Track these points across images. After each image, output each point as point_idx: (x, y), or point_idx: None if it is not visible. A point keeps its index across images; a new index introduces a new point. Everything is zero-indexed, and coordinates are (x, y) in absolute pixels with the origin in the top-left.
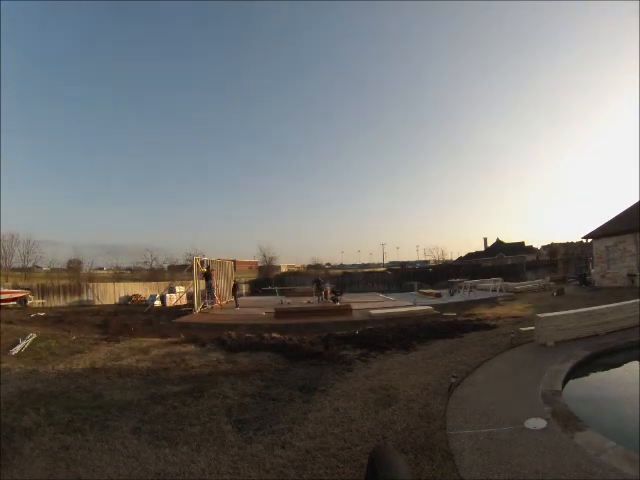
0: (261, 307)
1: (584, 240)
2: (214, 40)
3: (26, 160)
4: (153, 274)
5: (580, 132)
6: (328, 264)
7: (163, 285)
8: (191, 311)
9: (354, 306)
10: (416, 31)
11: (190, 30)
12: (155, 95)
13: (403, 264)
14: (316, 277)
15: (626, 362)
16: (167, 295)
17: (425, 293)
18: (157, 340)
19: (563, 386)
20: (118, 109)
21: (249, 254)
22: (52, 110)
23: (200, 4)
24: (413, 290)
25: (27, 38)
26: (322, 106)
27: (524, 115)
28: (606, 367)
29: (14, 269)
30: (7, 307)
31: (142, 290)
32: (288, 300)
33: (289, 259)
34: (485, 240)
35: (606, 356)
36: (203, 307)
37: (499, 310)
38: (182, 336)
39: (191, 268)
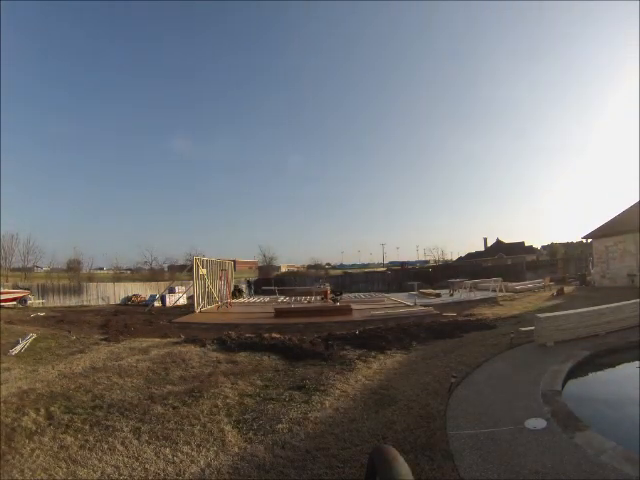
0: (261, 307)
1: (584, 240)
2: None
3: (25, 159)
4: (153, 274)
5: (579, 132)
6: (328, 264)
7: (163, 285)
8: (191, 311)
9: (354, 306)
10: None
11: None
12: (153, 92)
13: (403, 264)
14: (317, 278)
15: (626, 362)
16: (167, 295)
17: (425, 293)
18: (157, 340)
19: (563, 386)
20: (118, 108)
21: (249, 254)
22: (50, 111)
23: None
24: (413, 290)
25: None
26: (321, 104)
27: (524, 114)
28: (606, 367)
29: (14, 269)
30: (7, 307)
31: (142, 290)
32: (286, 299)
33: (289, 259)
34: (485, 240)
35: (606, 356)
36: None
37: (499, 310)
38: (182, 336)
39: (191, 268)
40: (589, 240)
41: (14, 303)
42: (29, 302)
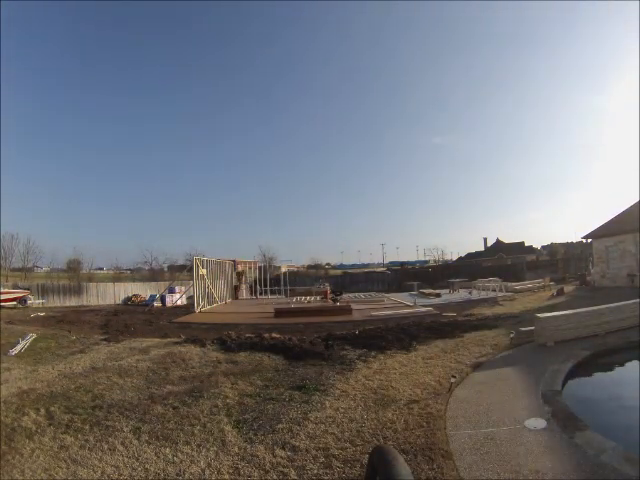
0: (261, 307)
1: (584, 240)
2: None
3: (25, 160)
4: (153, 274)
5: (579, 132)
6: (328, 264)
7: (163, 285)
8: (191, 311)
9: (354, 306)
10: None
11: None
12: (154, 93)
13: (403, 264)
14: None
15: (626, 362)
16: (167, 295)
17: (425, 293)
18: (157, 340)
19: (563, 386)
20: (117, 107)
21: (249, 254)
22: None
23: None
24: (413, 290)
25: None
26: (321, 106)
27: (522, 116)
28: (606, 367)
29: (14, 269)
30: (7, 307)
31: (142, 290)
32: (284, 298)
33: (289, 259)
34: (485, 240)
35: (606, 356)
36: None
37: (499, 310)
38: (182, 336)
39: (191, 268)
40: (589, 240)
41: (14, 303)
42: (29, 302)
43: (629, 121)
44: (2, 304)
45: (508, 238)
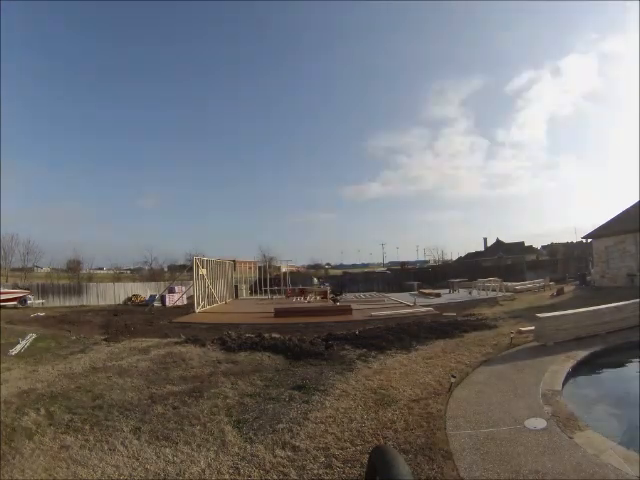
0: (261, 307)
1: (584, 240)
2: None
3: (25, 160)
4: (153, 274)
5: (578, 134)
6: (328, 264)
7: (163, 285)
8: (191, 311)
9: (354, 306)
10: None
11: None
12: (153, 91)
13: (403, 264)
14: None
15: (626, 362)
16: (167, 295)
17: (425, 293)
18: (157, 340)
19: (563, 386)
20: (116, 105)
21: (249, 254)
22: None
23: None
24: (413, 290)
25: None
26: (322, 105)
27: (521, 121)
28: (606, 367)
29: (14, 269)
30: (7, 307)
31: (142, 290)
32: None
33: (289, 259)
34: (485, 240)
35: (606, 356)
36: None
37: (499, 310)
38: (182, 336)
39: (191, 268)
40: (589, 240)
41: (14, 303)
42: (29, 302)
43: (629, 121)
44: (2, 304)
45: (508, 238)
